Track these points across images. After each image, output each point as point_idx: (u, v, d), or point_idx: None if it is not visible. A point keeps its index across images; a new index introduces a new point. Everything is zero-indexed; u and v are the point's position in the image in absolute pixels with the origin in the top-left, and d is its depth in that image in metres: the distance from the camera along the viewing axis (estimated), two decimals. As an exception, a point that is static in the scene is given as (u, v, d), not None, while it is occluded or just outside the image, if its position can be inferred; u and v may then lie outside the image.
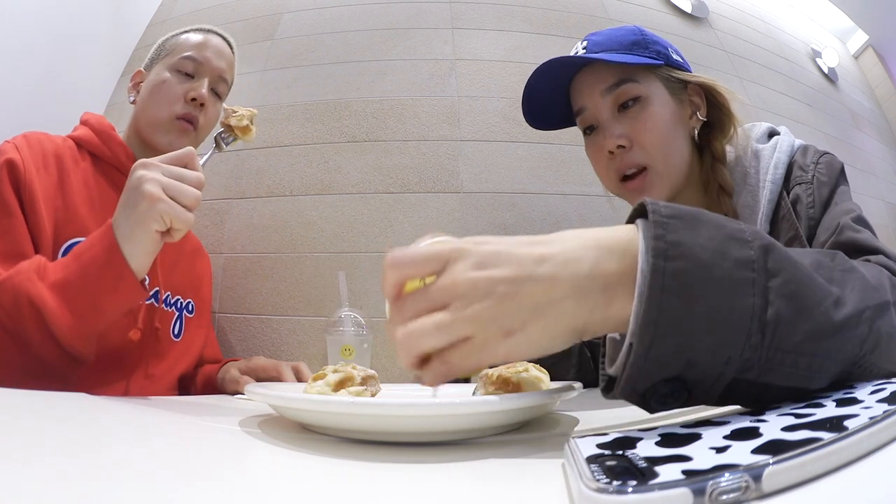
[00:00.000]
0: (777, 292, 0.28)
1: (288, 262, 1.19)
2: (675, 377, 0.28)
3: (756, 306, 0.27)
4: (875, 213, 1.92)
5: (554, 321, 0.29)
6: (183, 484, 0.23)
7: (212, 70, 0.89)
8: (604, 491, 0.18)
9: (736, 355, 0.27)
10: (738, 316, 0.27)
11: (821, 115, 1.95)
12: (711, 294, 0.27)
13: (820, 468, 0.19)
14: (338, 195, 1.23)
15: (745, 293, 0.27)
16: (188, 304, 0.90)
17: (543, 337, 0.29)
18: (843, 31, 2.59)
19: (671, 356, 0.27)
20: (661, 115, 0.67)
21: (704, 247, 0.27)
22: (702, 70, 1.72)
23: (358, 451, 0.31)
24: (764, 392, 0.29)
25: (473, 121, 1.30)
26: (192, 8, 1.65)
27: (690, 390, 0.29)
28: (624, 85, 0.67)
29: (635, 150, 0.67)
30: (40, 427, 0.31)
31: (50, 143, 0.78)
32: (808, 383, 0.29)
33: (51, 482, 0.21)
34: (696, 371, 0.28)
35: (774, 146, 0.68)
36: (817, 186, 0.63)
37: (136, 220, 0.55)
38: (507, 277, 0.29)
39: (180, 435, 0.36)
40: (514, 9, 1.50)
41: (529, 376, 0.43)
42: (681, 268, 0.27)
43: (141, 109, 0.87)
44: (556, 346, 0.30)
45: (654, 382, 0.28)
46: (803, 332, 0.28)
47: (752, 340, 0.27)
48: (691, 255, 0.27)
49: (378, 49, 1.41)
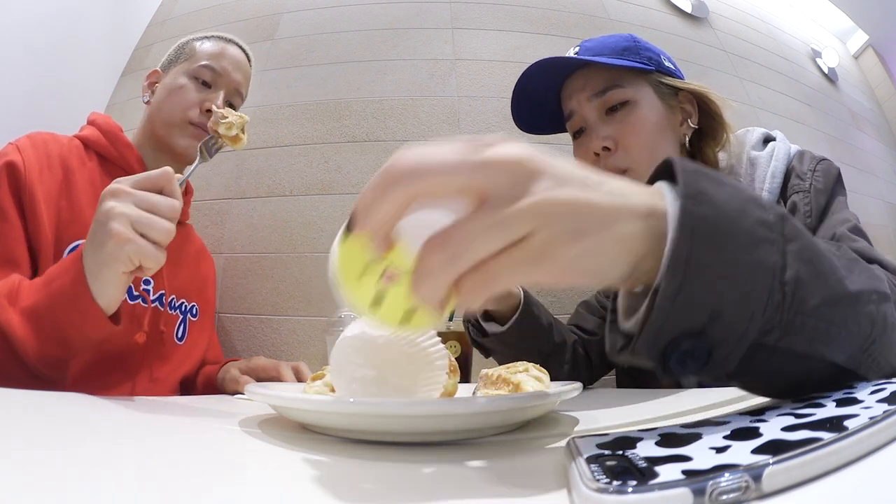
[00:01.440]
0: (795, 255, 0.28)
1: (288, 262, 1.19)
2: (699, 332, 0.27)
3: (777, 264, 0.27)
4: (875, 213, 1.91)
5: (622, 238, 0.26)
6: (183, 484, 0.23)
7: (229, 82, 0.89)
8: (604, 491, 0.18)
9: (759, 312, 0.26)
10: (761, 271, 0.26)
11: (821, 115, 1.95)
12: (736, 246, 0.26)
13: (820, 468, 0.19)
14: (338, 195, 1.23)
15: (767, 251, 0.27)
16: (192, 308, 0.90)
17: (612, 251, 0.26)
18: (843, 31, 2.59)
19: (698, 303, 0.26)
20: (648, 119, 0.67)
21: (727, 202, 0.27)
22: (702, 70, 1.71)
23: (358, 451, 0.31)
24: (781, 365, 0.29)
25: (473, 121, 1.30)
26: (192, 8, 1.65)
27: (711, 351, 0.27)
28: (612, 90, 0.67)
29: (619, 154, 0.66)
30: (39, 426, 0.31)
31: (55, 143, 0.78)
32: (826, 351, 0.29)
33: (50, 482, 0.21)
34: (720, 326, 0.27)
35: (771, 154, 0.67)
36: (814, 195, 0.63)
37: (102, 260, 0.50)
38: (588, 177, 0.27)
39: (180, 435, 0.36)
40: (514, 9, 1.50)
41: (529, 376, 0.43)
42: (708, 213, 0.26)
43: (156, 111, 0.87)
44: (615, 271, 0.27)
45: (675, 336, 0.26)
46: (820, 296, 0.28)
47: (774, 298, 0.27)
48: (717, 204, 0.26)
49: (378, 49, 1.41)
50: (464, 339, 0.88)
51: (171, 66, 0.91)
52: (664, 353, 0.27)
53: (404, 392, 0.37)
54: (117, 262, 0.50)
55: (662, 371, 0.28)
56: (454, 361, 0.47)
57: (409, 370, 0.37)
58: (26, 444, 0.27)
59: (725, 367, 0.28)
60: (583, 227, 0.25)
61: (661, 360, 0.27)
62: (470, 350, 0.89)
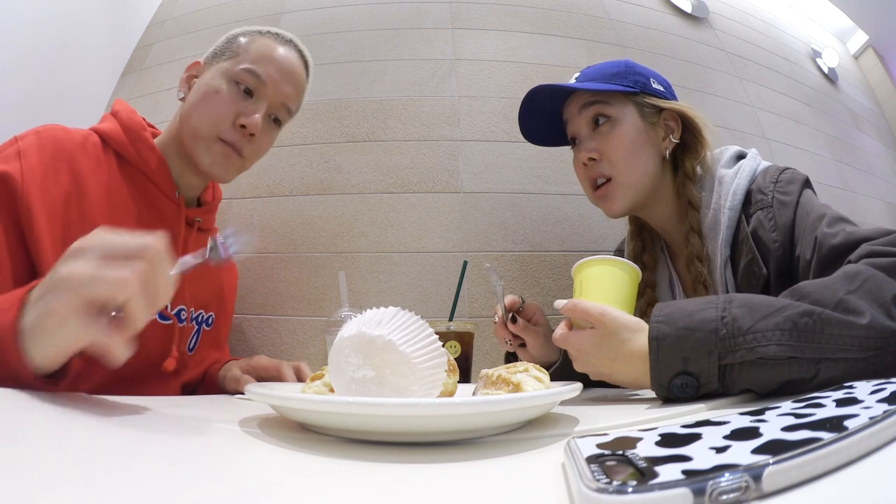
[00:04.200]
0: (732, 306, 0.48)
1: (288, 262, 1.19)
2: (682, 372, 0.48)
3: (717, 315, 0.48)
4: (875, 213, 1.91)
5: (633, 367, 0.53)
6: (183, 483, 0.23)
7: (275, 94, 0.76)
8: (604, 491, 0.18)
9: (713, 346, 0.47)
10: (706, 323, 0.48)
11: (821, 115, 1.95)
12: (687, 317, 0.49)
13: (820, 468, 0.19)
14: (338, 195, 1.23)
15: (709, 312, 0.48)
16: (209, 318, 0.87)
17: (624, 371, 0.54)
18: (843, 31, 2.59)
19: (671, 358, 0.48)
20: (627, 135, 0.76)
21: (683, 307, 0.50)
22: (702, 70, 1.71)
23: (358, 451, 0.31)
24: (756, 374, 0.46)
25: (473, 121, 1.30)
26: (192, 8, 1.65)
27: (697, 379, 0.48)
28: (595, 105, 0.77)
29: (603, 163, 0.77)
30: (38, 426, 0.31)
31: (68, 142, 0.68)
32: (766, 352, 0.45)
33: (49, 482, 0.21)
34: (693, 364, 0.48)
35: (736, 172, 0.73)
36: (777, 208, 0.67)
37: (41, 330, 0.37)
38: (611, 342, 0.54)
39: (180, 434, 0.36)
40: (514, 9, 1.50)
41: (529, 376, 0.43)
42: (666, 312, 0.50)
43: (187, 114, 0.75)
44: (613, 378, 0.56)
45: (670, 377, 0.48)
46: (753, 319, 0.47)
47: (720, 334, 0.47)
48: (673, 310, 0.50)
49: (378, 49, 1.41)
50: (464, 339, 0.88)
51: (214, 60, 0.78)
52: (668, 386, 0.49)
53: (403, 392, 0.37)
54: (61, 339, 0.37)
55: (673, 400, 0.49)
56: (453, 361, 0.47)
57: (407, 370, 0.37)
58: (26, 443, 0.27)
59: (711, 387, 0.48)
60: (610, 356, 0.55)
61: (669, 392, 0.49)
62: (470, 350, 0.90)
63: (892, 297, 0.47)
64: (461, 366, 0.83)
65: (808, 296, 0.48)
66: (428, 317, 0.41)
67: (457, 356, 0.85)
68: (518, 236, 1.21)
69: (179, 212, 0.79)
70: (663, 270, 0.85)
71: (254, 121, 0.73)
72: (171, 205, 0.78)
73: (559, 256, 1.20)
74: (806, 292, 0.49)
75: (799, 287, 0.51)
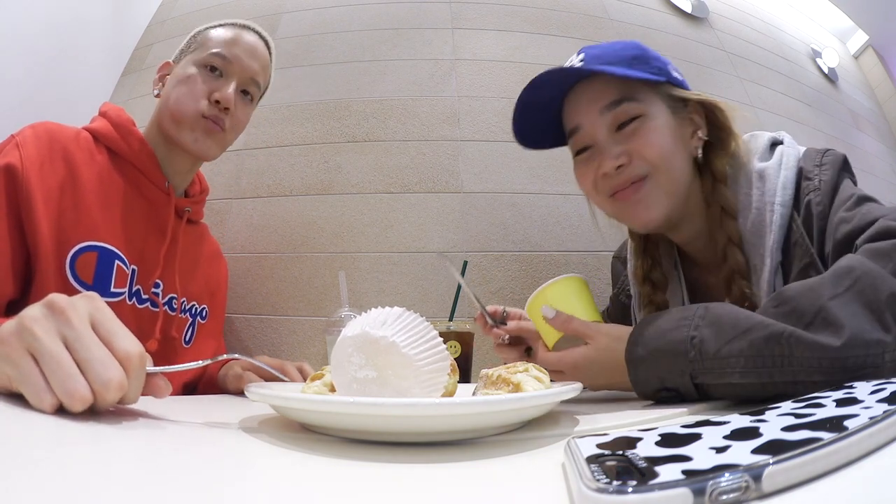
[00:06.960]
0: (703, 325, 0.47)
1: (288, 262, 1.19)
2: (663, 387, 0.49)
3: (687, 335, 0.47)
4: (875, 213, 1.91)
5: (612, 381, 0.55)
6: (183, 484, 0.23)
7: (242, 70, 0.83)
8: (604, 491, 0.18)
9: (685, 367, 0.47)
10: (676, 345, 0.48)
11: (821, 115, 1.95)
12: (660, 338, 0.49)
13: (820, 468, 0.19)
14: (338, 195, 1.23)
15: (680, 332, 0.48)
16: (202, 311, 0.88)
17: (623, 378, 0.52)
18: (843, 31, 2.59)
19: (649, 377, 0.50)
20: (662, 133, 0.63)
21: (658, 325, 0.50)
22: (702, 70, 1.71)
23: (358, 451, 0.31)
24: (731, 393, 0.46)
25: (473, 121, 1.30)
26: (192, 8, 1.65)
27: (678, 391, 0.48)
28: (624, 103, 0.62)
29: (635, 163, 0.62)
30: (38, 425, 0.31)
31: (61, 135, 0.73)
32: (733, 377, 0.44)
33: (49, 482, 0.21)
34: (670, 381, 0.48)
35: (779, 163, 0.63)
36: (824, 191, 0.59)
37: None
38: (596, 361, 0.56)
39: (180, 434, 0.36)
40: (514, 9, 1.50)
41: (529, 376, 0.43)
42: (641, 332, 0.51)
43: (164, 104, 0.82)
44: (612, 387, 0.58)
45: (652, 391, 0.51)
46: (718, 343, 0.45)
47: (690, 355, 0.46)
48: (649, 329, 0.51)
49: (378, 49, 1.41)
50: (464, 339, 0.88)
51: (182, 56, 0.86)
52: (654, 398, 0.52)
53: (405, 392, 0.37)
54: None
55: (661, 403, 0.50)
56: (454, 361, 0.47)
57: (410, 372, 0.37)
58: (25, 443, 0.27)
59: (693, 398, 0.48)
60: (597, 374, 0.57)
61: (656, 401, 0.51)
62: (470, 350, 0.90)
63: (886, 298, 0.41)
64: (461, 366, 0.83)
65: (789, 301, 0.44)
66: (428, 317, 0.41)
67: (457, 356, 0.85)
68: (518, 236, 1.21)
69: (169, 201, 0.83)
70: (675, 290, 0.75)
71: (226, 94, 0.80)
72: (162, 195, 0.83)
73: (559, 256, 1.20)
74: (788, 297, 0.45)
75: (782, 291, 0.46)
